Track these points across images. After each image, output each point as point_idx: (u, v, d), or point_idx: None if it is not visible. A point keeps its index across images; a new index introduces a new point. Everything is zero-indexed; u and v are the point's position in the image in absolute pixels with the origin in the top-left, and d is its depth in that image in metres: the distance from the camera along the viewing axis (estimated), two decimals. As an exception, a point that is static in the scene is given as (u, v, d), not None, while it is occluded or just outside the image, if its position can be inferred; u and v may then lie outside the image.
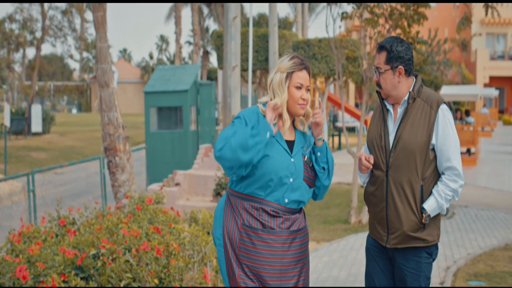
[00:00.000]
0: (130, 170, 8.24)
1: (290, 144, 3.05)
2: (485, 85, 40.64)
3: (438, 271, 6.23)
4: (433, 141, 3.09)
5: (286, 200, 2.96)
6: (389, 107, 3.21)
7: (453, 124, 3.14)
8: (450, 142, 3.08)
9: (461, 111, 18.37)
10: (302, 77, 3.01)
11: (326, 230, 8.81)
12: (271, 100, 3.02)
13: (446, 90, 17.84)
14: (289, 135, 3.07)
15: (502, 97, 43.44)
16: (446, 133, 3.08)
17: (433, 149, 3.11)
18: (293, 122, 3.10)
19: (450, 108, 33.48)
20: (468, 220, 9.11)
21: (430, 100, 3.14)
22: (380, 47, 3.15)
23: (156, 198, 6.98)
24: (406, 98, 3.15)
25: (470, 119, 17.99)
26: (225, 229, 3.02)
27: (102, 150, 8.34)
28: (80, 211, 5.86)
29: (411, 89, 3.16)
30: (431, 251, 3.18)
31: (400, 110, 3.17)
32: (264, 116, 2.93)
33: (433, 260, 3.22)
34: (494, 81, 42.05)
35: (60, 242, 5.20)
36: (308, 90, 3.05)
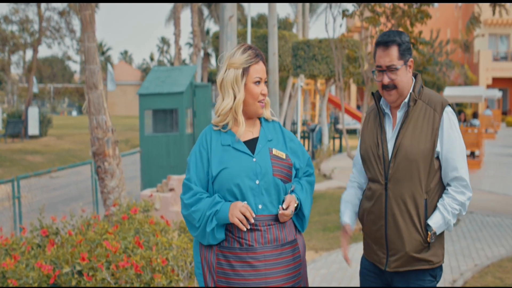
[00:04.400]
0: (120, 175, 7.87)
1: (253, 142, 2.67)
2: (488, 87, 40.23)
3: (444, 284, 5.85)
4: (438, 148, 2.70)
5: (260, 206, 2.58)
6: (387, 110, 2.81)
7: (458, 129, 2.74)
8: (456, 149, 2.69)
9: (464, 113, 17.98)
10: (259, 70, 2.65)
11: (325, 238, 8.42)
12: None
13: (449, 92, 17.44)
14: (250, 133, 2.70)
15: (506, 99, 43.03)
16: (452, 139, 2.69)
17: (438, 158, 2.72)
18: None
19: (454, 110, 33.10)
20: (474, 227, 8.72)
21: (433, 102, 2.74)
22: (389, 42, 2.69)
23: (145, 206, 6.61)
24: (406, 100, 2.74)
25: (476, 121, 17.60)
26: (202, 255, 2.67)
27: (90, 155, 7.98)
28: (65, 219, 5.49)
29: (411, 90, 2.76)
30: (436, 273, 2.78)
31: (399, 114, 2.76)
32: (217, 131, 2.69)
33: (437, 282, 2.82)
34: (497, 82, 41.63)
35: (40, 255, 4.84)
36: (266, 82, 2.69)
